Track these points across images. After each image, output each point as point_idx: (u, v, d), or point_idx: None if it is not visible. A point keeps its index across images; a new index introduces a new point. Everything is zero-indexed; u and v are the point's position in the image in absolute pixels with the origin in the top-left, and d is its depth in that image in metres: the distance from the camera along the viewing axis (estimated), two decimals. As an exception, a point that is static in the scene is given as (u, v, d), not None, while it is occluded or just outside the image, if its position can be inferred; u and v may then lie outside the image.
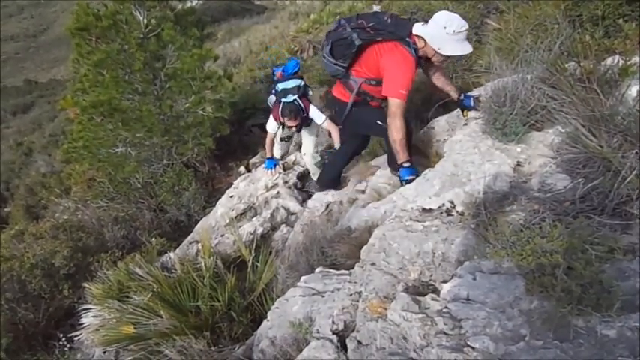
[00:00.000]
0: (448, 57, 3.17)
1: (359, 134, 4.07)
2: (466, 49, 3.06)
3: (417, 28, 3.13)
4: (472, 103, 3.21)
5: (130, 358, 3.47)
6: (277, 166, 5.27)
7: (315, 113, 4.61)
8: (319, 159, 5.07)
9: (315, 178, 5.20)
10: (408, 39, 3.12)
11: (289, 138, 5.35)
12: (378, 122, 3.35)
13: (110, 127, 7.29)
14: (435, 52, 3.09)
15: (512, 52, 3.00)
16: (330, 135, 4.86)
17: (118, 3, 7.09)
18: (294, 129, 4.82)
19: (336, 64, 3.35)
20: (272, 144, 5.10)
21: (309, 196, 4.87)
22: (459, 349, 1.50)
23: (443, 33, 2.99)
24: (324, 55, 3.41)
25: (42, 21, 64.06)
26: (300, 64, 5.30)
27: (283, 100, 4.54)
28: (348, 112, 3.50)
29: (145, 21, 7.28)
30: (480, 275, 1.76)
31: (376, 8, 3.64)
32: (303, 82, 4.73)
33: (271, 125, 4.77)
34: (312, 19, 12.87)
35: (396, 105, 3.07)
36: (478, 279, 1.74)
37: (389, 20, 3.16)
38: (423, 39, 3.09)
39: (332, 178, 4.43)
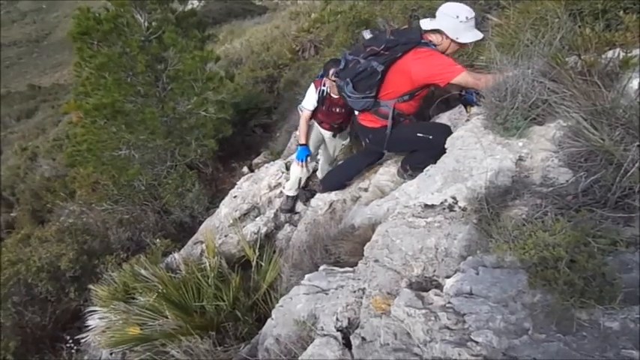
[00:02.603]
0: (462, 45, 3.13)
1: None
2: (478, 35, 3.04)
3: (427, 24, 3.09)
4: (474, 99, 3.20)
5: (137, 359, 3.48)
6: (310, 157, 4.67)
7: None
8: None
9: (321, 175, 5.19)
10: (422, 40, 3.08)
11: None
12: (419, 134, 3.29)
13: (113, 129, 7.32)
14: (452, 42, 3.05)
15: (513, 47, 2.98)
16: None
17: (119, 6, 7.12)
18: (329, 132, 4.54)
19: (364, 97, 3.28)
20: (308, 126, 4.52)
21: (313, 195, 4.87)
22: (462, 344, 1.50)
23: (456, 22, 2.97)
24: (349, 94, 3.30)
25: (44, 26, 64.30)
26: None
27: None
28: (389, 137, 3.41)
29: (146, 24, 7.30)
30: (482, 270, 1.76)
31: (366, 33, 3.53)
32: None
33: (309, 97, 4.37)
34: (313, 18, 12.84)
35: (461, 79, 2.93)
36: (481, 274, 1.74)
37: (392, 37, 3.12)
38: (439, 32, 3.05)
39: (338, 183, 4.39)
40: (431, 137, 3.19)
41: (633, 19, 2.77)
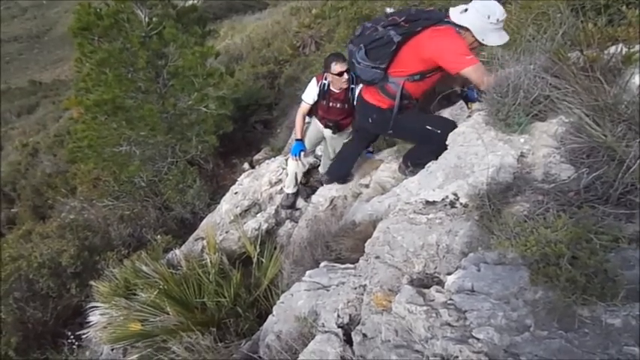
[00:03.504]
0: (485, 45, 3.01)
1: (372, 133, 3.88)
2: (504, 37, 2.91)
3: (457, 17, 2.95)
4: (475, 95, 3.19)
5: (138, 355, 3.49)
6: (303, 153, 4.60)
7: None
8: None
9: (323, 170, 5.20)
10: (445, 19, 2.94)
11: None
12: (428, 127, 3.17)
13: (114, 125, 7.33)
14: (475, 41, 2.93)
15: (515, 42, 2.97)
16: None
17: (120, 2, 7.10)
18: (332, 123, 4.36)
19: (374, 67, 3.11)
20: (304, 120, 4.50)
21: (313, 192, 4.87)
22: (463, 341, 1.50)
23: (486, 23, 2.85)
24: (359, 60, 3.14)
25: (44, 22, 64.18)
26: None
27: None
28: (395, 121, 3.26)
29: (147, 19, 7.30)
30: (484, 266, 1.75)
31: (388, 9, 3.38)
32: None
33: (309, 91, 4.28)
34: (314, 13, 12.81)
35: (471, 71, 2.81)
36: (482, 270, 1.74)
37: (415, 12, 3.02)
38: (466, 28, 2.91)
39: (344, 172, 4.33)
40: (439, 132, 3.04)
41: (636, 14, 2.77)
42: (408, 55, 3.05)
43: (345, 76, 4.05)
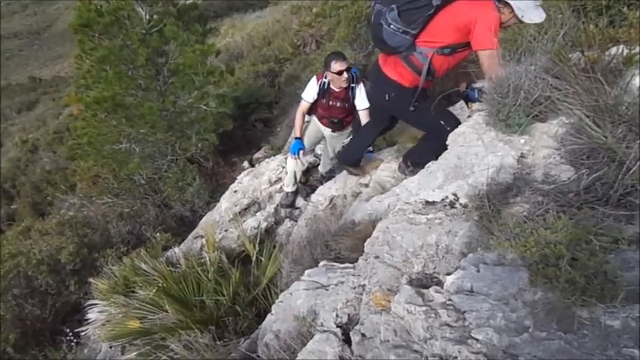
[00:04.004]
0: (522, 22, 2.85)
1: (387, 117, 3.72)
2: (543, 15, 2.74)
3: None
4: (476, 95, 3.18)
5: (136, 353, 3.49)
6: (302, 151, 4.53)
7: (362, 93, 4.14)
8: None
9: (322, 169, 5.20)
10: None
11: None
12: (442, 122, 3.06)
13: (114, 123, 7.32)
14: (513, 18, 2.80)
15: (515, 42, 2.96)
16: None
17: (120, -1, 7.10)
18: (334, 118, 4.33)
19: (404, 31, 2.88)
20: (303, 118, 4.46)
21: (313, 190, 4.87)
22: (462, 342, 1.50)
23: (528, 1, 2.72)
24: (389, 22, 2.88)
25: (45, 18, 64.13)
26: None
27: None
28: (413, 103, 3.08)
29: (147, 17, 7.28)
30: (483, 267, 1.75)
31: None
32: (357, 70, 4.32)
33: (309, 89, 4.26)
34: (314, 12, 12.77)
35: (489, 56, 2.71)
36: (482, 271, 1.74)
37: None
38: (505, 3, 2.76)
39: (356, 157, 4.11)
40: (449, 129, 2.91)
41: (637, 16, 2.76)
42: (442, 23, 2.87)
43: (345, 74, 4.04)
